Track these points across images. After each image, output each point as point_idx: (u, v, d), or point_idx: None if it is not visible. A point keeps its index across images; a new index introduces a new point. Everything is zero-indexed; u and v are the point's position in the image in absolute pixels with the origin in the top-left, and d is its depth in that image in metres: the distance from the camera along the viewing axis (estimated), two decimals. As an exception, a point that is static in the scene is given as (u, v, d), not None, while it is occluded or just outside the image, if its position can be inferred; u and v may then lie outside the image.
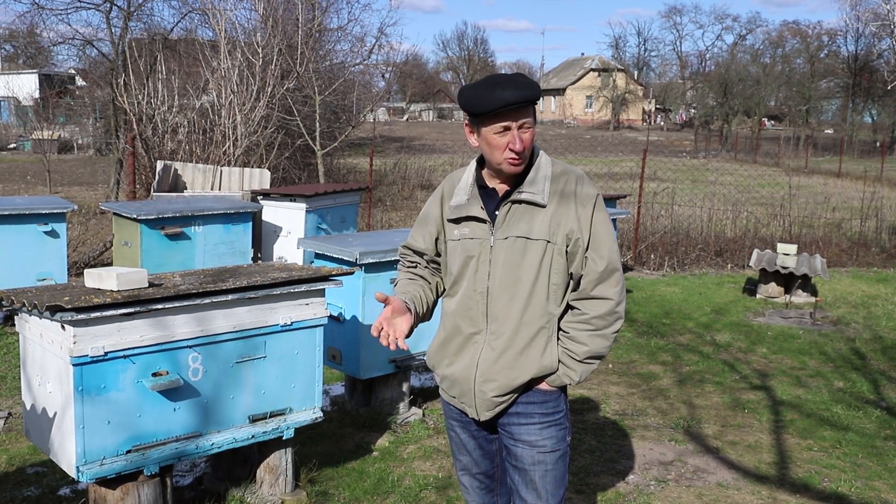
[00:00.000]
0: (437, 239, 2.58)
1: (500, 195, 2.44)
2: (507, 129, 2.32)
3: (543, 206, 2.37)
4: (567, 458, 2.52)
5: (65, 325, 2.92)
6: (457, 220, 2.48)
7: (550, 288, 2.39)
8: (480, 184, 2.47)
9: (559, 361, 2.43)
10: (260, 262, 7.43)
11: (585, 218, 2.38)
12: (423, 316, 2.55)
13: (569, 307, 2.44)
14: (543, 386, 2.45)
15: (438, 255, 2.60)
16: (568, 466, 2.53)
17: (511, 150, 2.33)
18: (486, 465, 2.65)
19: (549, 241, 2.37)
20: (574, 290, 2.43)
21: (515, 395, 2.45)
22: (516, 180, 2.42)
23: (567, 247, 2.38)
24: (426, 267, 2.64)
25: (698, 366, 6.25)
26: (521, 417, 2.46)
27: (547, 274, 2.38)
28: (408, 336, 2.40)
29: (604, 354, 2.44)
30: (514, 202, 2.39)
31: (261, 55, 11.96)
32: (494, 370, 2.41)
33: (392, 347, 2.36)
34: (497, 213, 2.41)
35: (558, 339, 2.44)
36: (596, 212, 2.41)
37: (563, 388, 2.50)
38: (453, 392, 2.53)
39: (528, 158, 2.39)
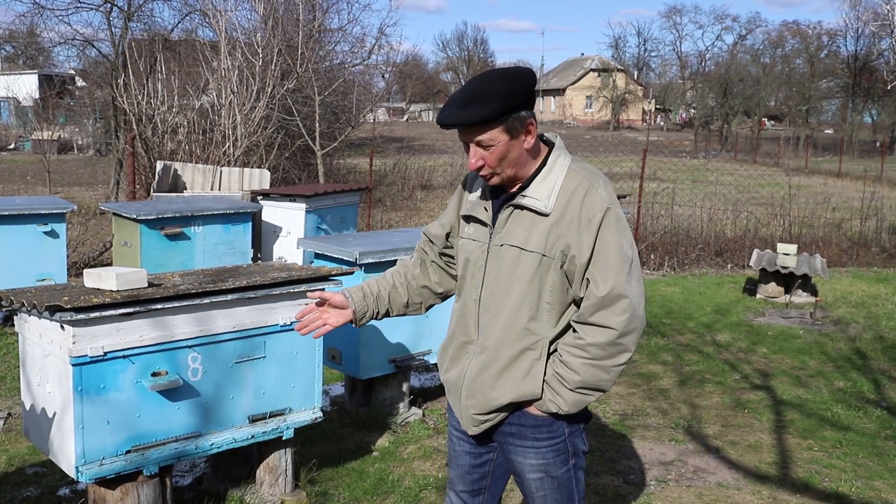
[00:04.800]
0: (448, 233, 2.44)
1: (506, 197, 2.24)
2: (467, 144, 2.14)
3: (546, 215, 2.13)
4: (572, 482, 2.31)
5: (64, 325, 2.92)
6: (466, 218, 2.32)
7: (542, 306, 2.16)
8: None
9: (549, 385, 2.18)
10: (260, 262, 7.43)
11: (589, 233, 2.09)
12: (379, 314, 2.46)
13: (570, 326, 2.20)
14: (532, 410, 2.23)
15: (449, 246, 2.46)
16: (578, 490, 2.33)
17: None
18: (468, 485, 2.47)
19: (543, 255, 2.13)
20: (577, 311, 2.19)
21: (502, 415, 2.26)
22: (525, 181, 2.19)
23: (563, 264, 2.13)
24: (433, 261, 2.49)
25: (699, 366, 6.25)
26: (514, 438, 2.29)
27: (537, 290, 2.15)
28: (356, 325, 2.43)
29: (603, 388, 2.17)
30: (515, 206, 2.18)
31: (261, 55, 11.95)
32: (475, 387, 2.25)
33: (304, 334, 2.42)
34: (500, 216, 2.22)
35: (548, 359, 2.20)
36: (604, 227, 2.09)
37: (564, 415, 2.23)
38: (450, 398, 2.41)
39: (504, 173, 2.15)
